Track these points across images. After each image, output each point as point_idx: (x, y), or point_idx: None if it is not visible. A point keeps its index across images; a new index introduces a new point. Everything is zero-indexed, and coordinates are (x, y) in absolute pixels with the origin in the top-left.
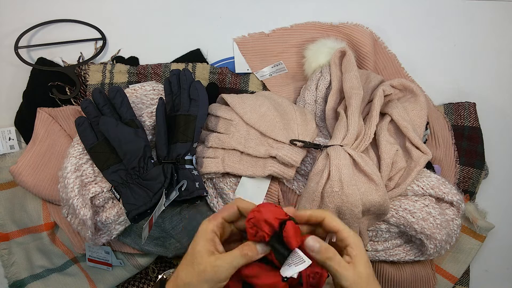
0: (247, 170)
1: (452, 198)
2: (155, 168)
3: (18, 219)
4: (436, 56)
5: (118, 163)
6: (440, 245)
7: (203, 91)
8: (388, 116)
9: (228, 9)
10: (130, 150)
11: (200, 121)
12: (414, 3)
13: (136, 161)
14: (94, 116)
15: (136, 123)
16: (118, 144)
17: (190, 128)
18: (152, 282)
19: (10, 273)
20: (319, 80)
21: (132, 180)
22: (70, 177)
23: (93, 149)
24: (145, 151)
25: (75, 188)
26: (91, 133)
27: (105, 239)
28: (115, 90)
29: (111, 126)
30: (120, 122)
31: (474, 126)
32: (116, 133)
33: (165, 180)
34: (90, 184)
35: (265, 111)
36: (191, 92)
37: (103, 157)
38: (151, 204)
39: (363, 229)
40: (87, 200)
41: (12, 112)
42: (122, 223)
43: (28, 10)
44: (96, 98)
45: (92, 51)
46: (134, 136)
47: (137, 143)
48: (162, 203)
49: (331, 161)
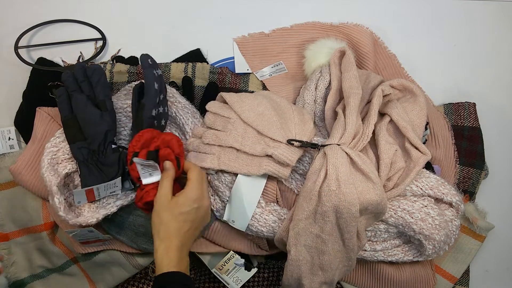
0: (243, 168)
1: (451, 199)
2: (113, 155)
3: (18, 219)
4: (436, 56)
5: (83, 140)
6: (438, 246)
7: (149, 79)
8: (387, 116)
9: (228, 9)
10: (92, 133)
11: (147, 111)
12: (414, 4)
13: (97, 144)
14: (72, 90)
15: (106, 104)
16: (84, 125)
17: (138, 118)
18: (151, 282)
19: (10, 273)
20: (319, 80)
21: (92, 161)
22: (45, 151)
23: (65, 122)
24: (106, 136)
25: (46, 159)
26: (67, 105)
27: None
28: (93, 68)
29: (81, 105)
30: (90, 103)
31: (474, 126)
32: (83, 113)
33: (118, 169)
34: (67, 161)
35: (263, 110)
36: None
37: (72, 131)
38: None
39: (361, 229)
40: (58, 172)
41: (12, 112)
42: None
43: (28, 10)
44: (77, 73)
45: (92, 51)
46: (99, 119)
47: (100, 127)
48: (114, 186)
49: (328, 160)
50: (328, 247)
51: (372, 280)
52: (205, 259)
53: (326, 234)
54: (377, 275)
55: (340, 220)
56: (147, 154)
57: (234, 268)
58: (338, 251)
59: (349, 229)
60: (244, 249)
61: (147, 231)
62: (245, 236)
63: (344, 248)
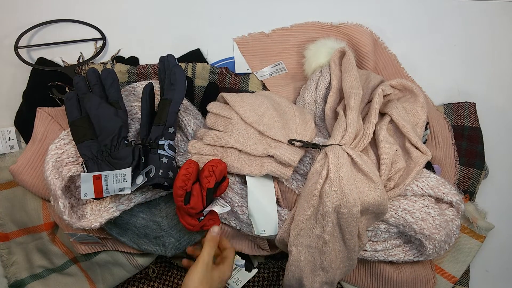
0: (245, 168)
1: (452, 199)
2: (126, 148)
3: (18, 219)
4: (436, 56)
5: (93, 139)
6: (439, 246)
7: (181, 76)
8: (387, 116)
9: (228, 9)
10: (106, 128)
11: (174, 105)
12: (414, 4)
13: (110, 139)
14: (83, 92)
15: (120, 104)
16: (97, 121)
17: (164, 111)
18: (152, 282)
19: (10, 273)
20: (319, 80)
21: (102, 157)
22: (50, 153)
23: (74, 122)
24: (120, 130)
25: (50, 162)
26: (76, 108)
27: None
28: (107, 71)
29: (95, 103)
30: (104, 101)
31: (474, 126)
32: (97, 111)
33: (132, 162)
34: (72, 164)
35: (264, 110)
36: (171, 77)
37: (81, 131)
38: None
39: (362, 229)
40: (62, 175)
41: (12, 112)
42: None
43: (28, 10)
44: (89, 76)
45: (92, 51)
46: (113, 115)
47: (115, 122)
48: (123, 180)
49: (329, 160)
50: (329, 247)
51: (372, 280)
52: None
53: (327, 234)
54: (378, 275)
55: (341, 221)
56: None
57: (234, 269)
58: (339, 251)
59: (350, 229)
60: (245, 249)
61: (148, 232)
62: (246, 236)
63: (345, 248)
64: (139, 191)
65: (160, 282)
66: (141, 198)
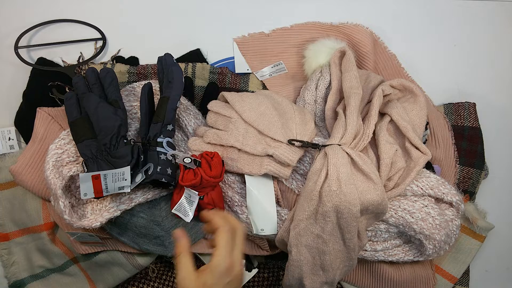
0: (244, 168)
1: (452, 199)
2: (125, 147)
3: (18, 219)
4: (436, 56)
5: (93, 138)
6: (439, 246)
7: (177, 73)
8: (387, 116)
9: (228, 9)
10: (105, 127)
11: (172, 102)
12: (414, 4)
13: (109, 137)
14: (82, 92)
15: (119, 103)
16: (96, 120)
17: (162, 109)
18: (151, 282)
19: (10, 273)
20: (319, 80)
21: (102, 156)
22: (50, 153)
23: (73, 122)
24: (119, 129)
25: (50, 161)
26: (76, 108)
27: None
28: (105, 71)
29: (94, 102)
30: (104, 101)
31: (474, 126)
32: (96, 110)
33: (131, 160)
34: (72, 163)
35: (264, 110)
36: (168, 75)
37: (81, 131)
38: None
39: (362, 229)
40: (62, 175)
41: (12, 112)
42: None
43: (28, 10)
44: (88, 75)
45: (92, 51)
46: (112, 114)
47: (113, 121)
48: (122, 178)
49: (329, 160)
50: (329, 247)
51: (372, 280)
52: (205, 260)
53: (327, 234)
54: (377, 275)
55: (341, 220)
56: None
57: None
58: (339, 251)
59: (350, 229)
60: (245, 249)
61: (148, 232)
62: (246, 236)
63: (345, 248)
64: (140, 191)
65: (160, 282)
66: (142, 198)
